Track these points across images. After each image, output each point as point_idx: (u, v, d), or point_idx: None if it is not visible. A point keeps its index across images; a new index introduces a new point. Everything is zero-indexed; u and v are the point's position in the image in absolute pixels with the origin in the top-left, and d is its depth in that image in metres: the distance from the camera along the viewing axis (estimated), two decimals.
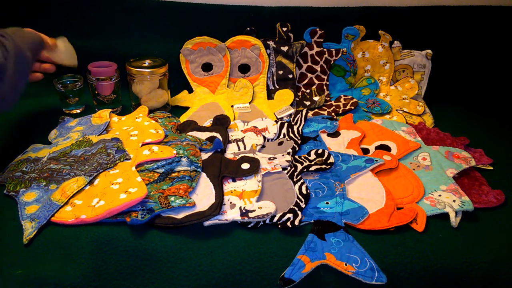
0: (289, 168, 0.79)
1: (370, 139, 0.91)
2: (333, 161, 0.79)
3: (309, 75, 1.12)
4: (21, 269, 0.58)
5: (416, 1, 1.12)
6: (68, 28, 1.08)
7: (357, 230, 0.67)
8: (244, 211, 0.67)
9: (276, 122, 0.95)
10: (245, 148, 0.86)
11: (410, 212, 0.69)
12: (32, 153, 0.81)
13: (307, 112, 0.98)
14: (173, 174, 0.74)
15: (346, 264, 0.61)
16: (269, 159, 0.81)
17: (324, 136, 0.92)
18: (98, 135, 0.85)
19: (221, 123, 0.93)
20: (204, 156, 0.81)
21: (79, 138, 0.85)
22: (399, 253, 0.63)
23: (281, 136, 0.92)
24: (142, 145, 0.81)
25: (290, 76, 1.11)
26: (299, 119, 0.96)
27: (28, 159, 0.79)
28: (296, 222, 0.66)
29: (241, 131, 0.92)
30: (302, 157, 0.82)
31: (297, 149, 0.86)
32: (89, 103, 1.02)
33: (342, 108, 1.05)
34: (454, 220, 0.69)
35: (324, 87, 1.12)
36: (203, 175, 0.75)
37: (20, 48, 0.71)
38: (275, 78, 1.11)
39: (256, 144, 0.87)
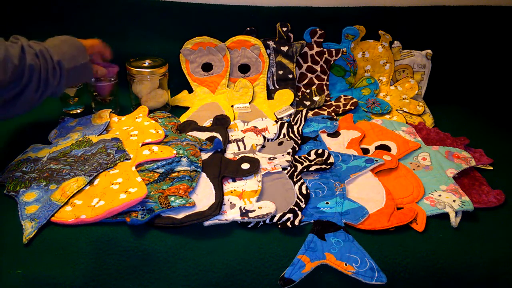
0: (289, 168, 0.79)
1: (370, 139, 0.91)
2: (333, 161, 0.79)
3: (309, 75, 1.12)
4: (21, 269, 0.58)
5: (416, 1, 1.12)
6: (68, 28, 1.07)
7: (357, 230, 0.67)
8: (244, 211, 0.67)
9: (276, 122, 0.95)
10: (245, 148, 0.86)
11: (410, 212, 0.69)
12: (32, 153, 0.81)
13: (307, 112, 0.98)
14: (173, 174, 0.74)
15: (346, 264, 0.61)
16: (269, 159, 0.81)
17: (324, 136, 0.92)
18: (98, 135, 0.85)
19: (221, 123, 0.93)
20: (204, 156, 0.81)
21: (79, 138, 0.84)
22: (399, 253, 0.63)
23: (281, 136, 0.92)
24: (142, 145, 0.81)
25: (290, 76, 1.11)
26: (299, 119, 0.96)
27: (28, 159, 0.79)
28: (296, 222, 0.66)
29: (241, 131, 0.92)
30: (302, 157, 0.82)
31: (297, 149, 0.86)
32: (89, 103, 1.02)
33: (342, 108, 1.05)
34: (454, 220, 0.69)
35: (324, 87, 1.12)
36: (203, 175, 0.75)
37: (55, 88, 0.76)
38: (275, 78, 1.11)
39: (256, 144, 0.87)
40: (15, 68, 0.67)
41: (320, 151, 0.82)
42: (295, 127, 0.93)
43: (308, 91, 1.11)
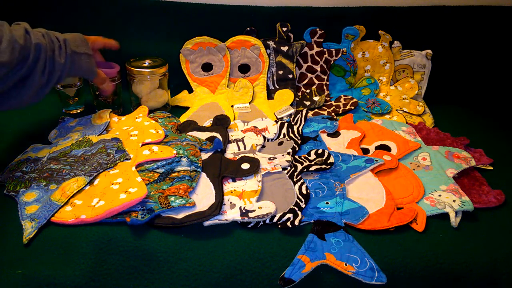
0: (289, 168, 0.79)
1: (370, 139, 0.91)
2: (333, 161, 0.79)
3: (309, 75, 1.12)
4: (21, 269, 0.58)
5: (416, 1, 1.12)
6: (68, 28, 1.08)
7: (357, 230, 0.67)
8: (244, 211, 0.67)
9: (276, 122, 0.95)
10: (245, 148, 0.86)
11: (410, 212, 0.69)
12: (32, 153, 0.81)
13: (307, 112, 0.98)
14: (173, 174, 0.74)
15: (346, 264, 0.61)
16: (269, 159, 0.81)
17: (324, 136, 0.92)
18: (98, 135, 0.85)
19: (221, 123, 0.93)
20: (204, 156, 0.81)
21: (79, 138, 0.85)
22: (399, 253, 0.63)
23: (281, 136, 0.92)
24: (142, 145, 0.81)
25: (290, 76, 1.11)
26: (299, 119, 0.96)
27: (28, 159, 0.79)
28: (296, 222, 0.66)
29: (241, 131, 0.92)
30: (302, 157, 0.82)
31: (297, 149, 0.86)
32: (89, 103, 1.02)
33: (342, 108, 1.05)
34: (454, 220, 0.69)
35: (324, 87, 1.12)
36: (203, 175, 0.75)
37: (62, 67, 0.74)
38: (275, 78, 1.11)
39: (256, 144, 0.87)
40: (21, 48, 0.67)
41: (320, 151, 0.82)
42: (295, 127, 0.93)
43: (308, 91, 1.11)
